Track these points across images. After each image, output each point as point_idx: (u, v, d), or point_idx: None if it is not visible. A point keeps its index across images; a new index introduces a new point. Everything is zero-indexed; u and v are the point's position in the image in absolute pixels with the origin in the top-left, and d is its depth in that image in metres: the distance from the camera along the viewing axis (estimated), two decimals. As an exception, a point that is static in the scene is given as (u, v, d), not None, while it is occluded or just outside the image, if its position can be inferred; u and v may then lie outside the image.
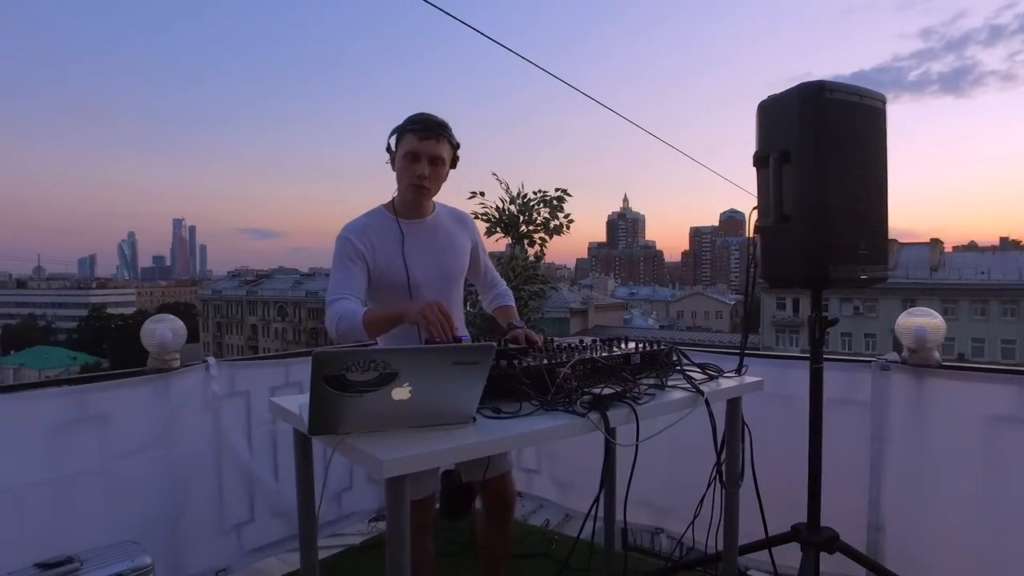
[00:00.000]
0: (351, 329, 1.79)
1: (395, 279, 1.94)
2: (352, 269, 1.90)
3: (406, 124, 1.92)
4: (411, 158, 1.91)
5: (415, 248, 1.98)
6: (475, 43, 77.00)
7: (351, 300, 1.86)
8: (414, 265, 1.96)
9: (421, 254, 1.98)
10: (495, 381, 1.51)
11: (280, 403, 1.68)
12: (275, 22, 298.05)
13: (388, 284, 1.95)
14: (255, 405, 2.77)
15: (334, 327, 1.82)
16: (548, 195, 4.83)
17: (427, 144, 1.90)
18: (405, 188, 1.95)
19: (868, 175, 1.99)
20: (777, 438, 2.39)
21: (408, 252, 1.95)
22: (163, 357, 2.49)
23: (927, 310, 2.40)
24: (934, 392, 2.31)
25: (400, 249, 1.95)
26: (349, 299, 1.86)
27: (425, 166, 1.91)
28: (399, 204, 2.01)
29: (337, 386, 1.25)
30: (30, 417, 2.19)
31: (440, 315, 1.65)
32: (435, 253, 2.02)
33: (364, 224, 1.97)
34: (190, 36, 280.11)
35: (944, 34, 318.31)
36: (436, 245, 2.03)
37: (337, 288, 1.88)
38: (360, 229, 1.95)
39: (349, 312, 1.80)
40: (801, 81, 1.93)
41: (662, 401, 1.69)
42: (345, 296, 1.86)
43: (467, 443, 1.36)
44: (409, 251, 1.96)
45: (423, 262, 1.98)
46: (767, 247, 2.07)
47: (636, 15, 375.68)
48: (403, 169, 1.93)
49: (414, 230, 2.00)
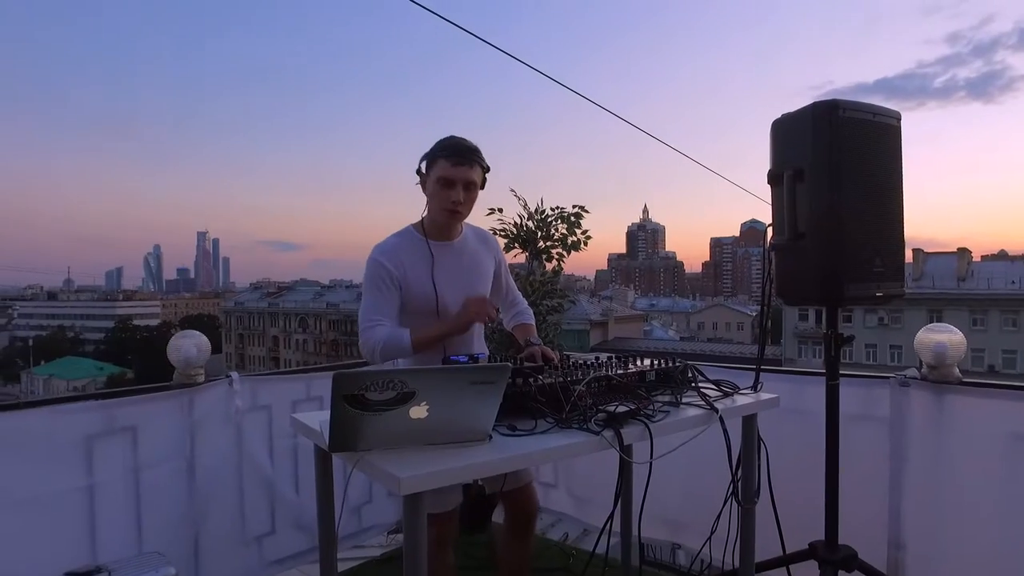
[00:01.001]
0: (399, 353, 1.87)
1: (424, 300, 1.97)
2: (385, 293, 1.93)
3: (438, 150, 1.95)
4: (445, 184, 1.93)
5: (444, 270, 2.01)
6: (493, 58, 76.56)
7: (387, 326, 1.91)
8: (443, 287, 1.99)
9: (450, 276, 2.01)
10: (511, 399, 1.54)
11: (301, 419, 1.72)
12: (298, 37, 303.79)
13: (416, 305, 1.98)
14: (277, 419, 2.83)
15: (378, 354, 1.88)
16: (566, 211, 4.86)
17: (460, 170, 1.93)
18: (439, 212, 1.98)
19: (883, 192, 1.99)
20: (794, 454, 2.38)
21: (437, 274, 1.99)
22: (188, 372, 2.55)
23: (946, 326, 2.38)
24: (954, 409, 2.29)
25: (430, 271, 1.98)
26: (385, 325, 1.91)
27: (460, 192, 1.94)
28: (429, 226, 2.04)
29: (357, 405, 1.28)
30: (61, 429, 2.26)
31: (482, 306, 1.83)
32: (463, 275, 2.05)
33: (395, 246, 2.00)
34: (215, 50, 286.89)
35: (972, 39, 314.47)
36: (464, 267, 2.06)
37: (372, 313, 1.92)
38: (391, 251, 1.98)
39: (395, 335, 1.87)
40: (824, 89, 1.98)
41: (676, 418, 1.71)
42: (381, 322, 1.91)
43: (483, 460, 1.39)
44: (438, 273, 1.99)
45: (451, 284, 2.01)
46: (782, 264, 2.08)
47: (656, 26, 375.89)
48: (436, 194, 1.95)
49: (443, 252, 2.03)
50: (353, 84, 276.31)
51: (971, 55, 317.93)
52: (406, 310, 1.99)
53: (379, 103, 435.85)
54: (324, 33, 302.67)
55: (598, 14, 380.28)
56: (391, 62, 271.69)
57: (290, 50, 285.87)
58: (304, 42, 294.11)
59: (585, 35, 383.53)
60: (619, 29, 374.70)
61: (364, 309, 1.94)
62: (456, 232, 2.07)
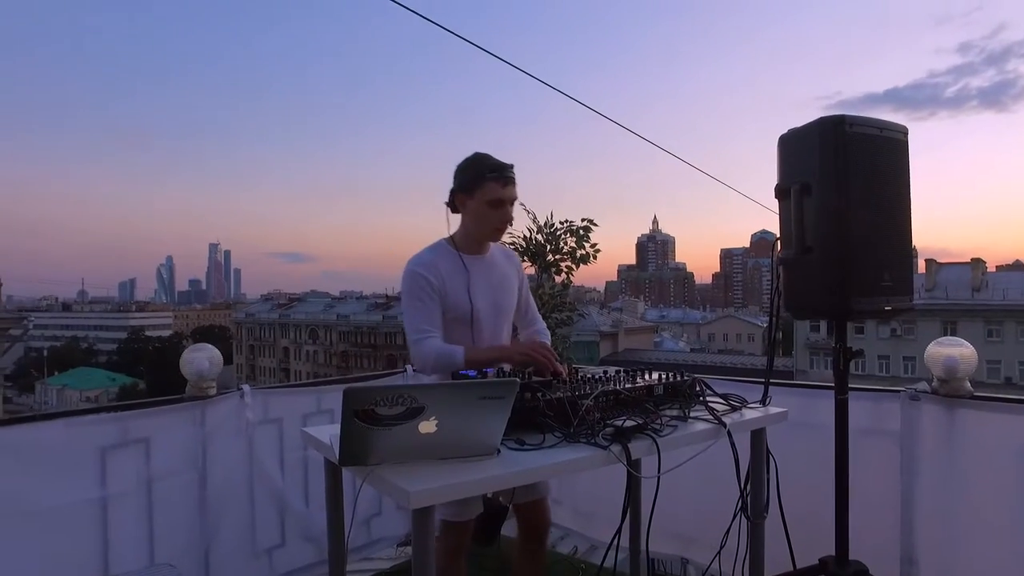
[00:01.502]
0: (449, 368, 1.92)
1: (460, 311, 2.04)
2: (429, 304, 1.99)
3: (485, 171, 2.01)
4: (496, 205, 2.01)
5: (477, 283, 2.08)
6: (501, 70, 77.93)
7: (438, 338, 1.98)
8: (477, 299, 2.06)
9: (482, 289, 2.09)
10: (519, 414, 1.55)
11: (312, 433, 1.74)
12: (310, 49, 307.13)
13: (453, 316, 2.04)
14: (287, 432, 2.85)
15: (428, 364, 1.95)
16: (575, 225, 4.89)
17: (508, 190, 2.03)
18: (488, 232, 2.08)
19: (890, 206, 2.00)
20: (804, 468, 2.37)
21: (472, 287, 2.06)
22: (200, 385, 2.59)
23: (957, 340, 2.37)
24: (966, 423, 2.27)
25: (466, 283, 2.05)
26: (436, 337, 1.98)
27: (510, 212, 2.04)
28: (461, 240, 2.11)
29: (367, 420, 1.30)
30: (76, 441, 2.29)
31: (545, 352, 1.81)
32: (493, 288, 2.13)
33: (432, 258, 2.06)
34: (227, 61, 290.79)
35: (984, 48, 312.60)
36: (493, 281, 2.14)
37: (421, 325, 1.98)
38: (429, 263, 2.04)
39: (447, 351, 1.95)
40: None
41: (684, 433, 1.71)
42: (432, 334, 1.98)
43: (491, 475, 1.40)
44: (473, 286, 2.06)
45: (484, 296, 2.08)
46: (790, 278, 2.08)
47: (664, 37, 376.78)
48: (485, 215, 2.02)
49: (476, 266, 2.10)
50: (362, 95, 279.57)
51: (983, 64, 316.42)
52: (444, 319, 2.05)
53: (388, 114, 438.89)
54: (335, 44, 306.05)
55: (607, 25, 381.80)
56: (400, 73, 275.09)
57: (301, 61, 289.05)
58: (315, 53, 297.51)
59: (593, 46, 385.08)
60: (628, 41, 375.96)
61: (412, 320, 2.00)
62: (487, 247, 2.15)
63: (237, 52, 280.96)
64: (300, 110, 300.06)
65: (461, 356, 1.93)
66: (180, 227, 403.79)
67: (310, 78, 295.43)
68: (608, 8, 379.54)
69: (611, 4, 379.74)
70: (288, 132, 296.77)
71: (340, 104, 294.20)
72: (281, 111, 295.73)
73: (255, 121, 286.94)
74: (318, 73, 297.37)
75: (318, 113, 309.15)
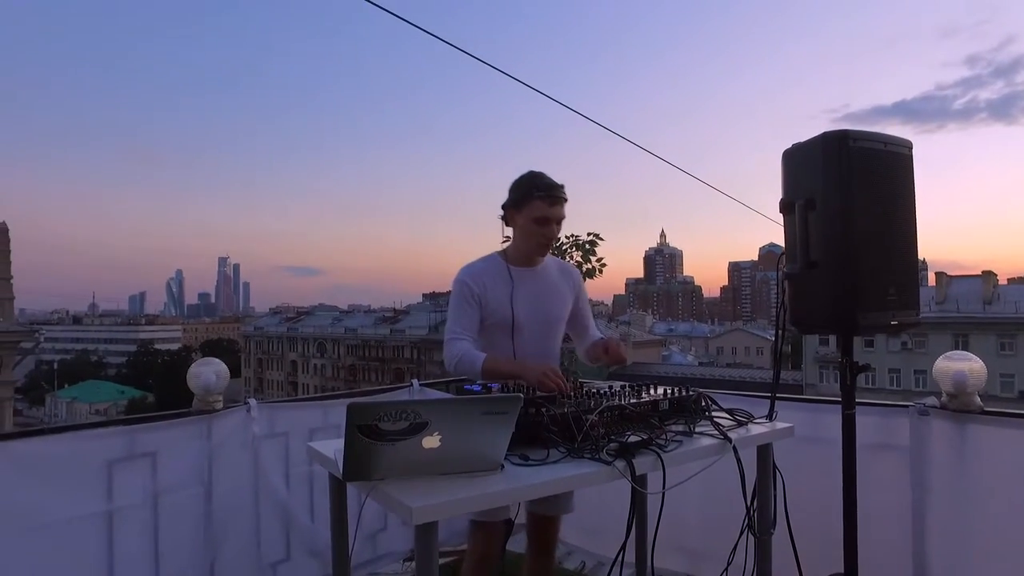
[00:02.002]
0: (469, 373, 2.04)
1: (501, 319, 2.15)
2: (467, 310, 2.13)
3: (533, 190, 2.13)
4: (542, 223, 2.13)
5: (522, 293, 2.18)
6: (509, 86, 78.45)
7: (468, 341, 2.10)
8: (519, 308, 2.16)
9: (526, 299, 2.19)
10: (524, 429, 1.55)
11: (317, 448, 1.75)
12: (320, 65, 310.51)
13: (495, 323, 2.16)
14: (293, 446, 2.85)
15: (453, 365, 2.08)
16: (580, 239, 4.90)
17: (555, 209, 2.14)
18: (534, 247, 2.19)
19: (895, 221, 1.99)
20: (812, 483, 2.35)
21: (516, 296, 2.17)
22: (207, 399, 2.60)
23: (965, 354, 2.36)
24: (977, 439, 2.25)
25: (509, 293, 2.16)
26: (467, 340, 2.10)
27: (554, 229, 2.16)
28: (512, 253, 2.23)
29: (370, 435, 1.30)
30: (84, 454, 2.30)
31: (557, 382, 1.84)
32: (539, 299, 2.22)
33: (480, 269, 2.20)
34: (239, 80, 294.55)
35: (992, 60, 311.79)
36: (541, 292, 2.23)
37: (454, 327, 2.13)
38: (476, 273, 2.18)
39: (470, 357, 2.05)
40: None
41: (689, 448, 1.70)
42: (463, 337, 2.10)
43: (495, 490, 1.40)
44: (517, 296, 2.17)
45: (527, 307, 2.18)
46: (795, 293, 2.07)
47: (672, 51, 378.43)
48: (532, 232, 2.15)
49: (523, 277, 2.21)
50: (371, 111, 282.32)
51: (991, 76, 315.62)
52: (485, 325, 2.16)
53: (396, 130, 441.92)
54: (348, 62, 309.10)
55: (616, 40, 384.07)
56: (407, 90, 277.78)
57: (311, 79, 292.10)
58: (325, 69, 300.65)
59: (602, 61, 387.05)
60: (636, 55, 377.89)
61: (449, 322, 2.16)
62: (539, 260, 2.25)
63: (249, 68, 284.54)
64: (313, 125, 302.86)
65: (480, 363, 2.02)
66: (190, 241, 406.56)
67: (321, 94, 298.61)
68: (617, 23, 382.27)
69: (620, 19, 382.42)
70: (300, 147, 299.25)
71: (353, 119, 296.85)
72: (294, 127, 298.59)
73: (267, 137, 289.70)
74: (329, 89, 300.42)
75: (331, 128, 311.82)
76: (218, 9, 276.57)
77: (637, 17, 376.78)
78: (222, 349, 77.80)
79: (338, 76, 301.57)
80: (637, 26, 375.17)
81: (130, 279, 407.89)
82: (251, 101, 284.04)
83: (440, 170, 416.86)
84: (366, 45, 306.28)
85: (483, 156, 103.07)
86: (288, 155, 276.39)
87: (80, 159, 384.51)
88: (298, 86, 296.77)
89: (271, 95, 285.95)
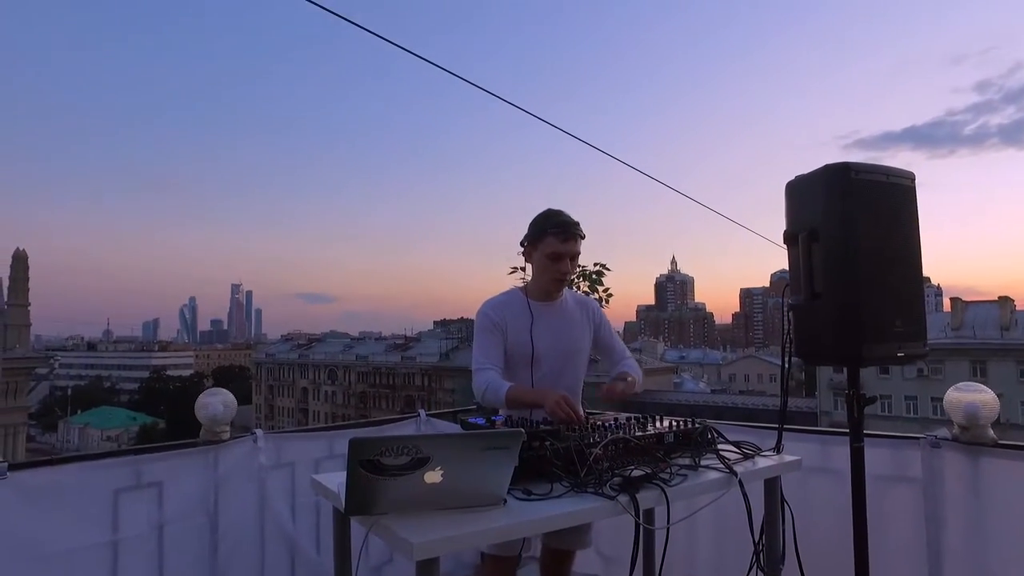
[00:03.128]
0: (495, 402, 2.11)
1: (522, 351, 2.22)
2: (492, 340, 2.21)
3: (547, 227, 2.21)
4: (555, 258, 2.20)
5: (541, 327, 2.25)
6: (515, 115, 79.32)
7: (495, 370, 2.17)
8: (538, 341, 2.23)
9: (545, 332, 2.25)
10: (527, 463, 1.54)
11: (321, 481, 1.75)
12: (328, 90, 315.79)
13: (516, 354, 2.23)
14: (300, 476, 2.85)
15: (480, 394, 2.15)
16: (587, 270, 4.91)
17: (568, 245, 2.20)
18: (549, 282, 2.26)
19: (899, 252, 1.99)
20: (823, 516, 2.31)
21: (535, 330, 2.23)
22: (214, 429, 2.61)
23: (977, 385, 2.33)
24: (992, 472, 2.20)
25: (529, 326, 2.23)
26: (493, 369, 2.17)
27: (568, 264, 2.22)
28: (532, 289, 2.32)
29: (372, 469, 1.31)
30: (92, 484, 2.32)
31: (568, 410, 1.90)
32: (558, 332, 2.28)
33: (502, 302, 2.29)
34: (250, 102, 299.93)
35: (1002, 86, 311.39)
36: (559, 326, 2.29)
37: (482, 357, 2.20)
38: (498, 306, 2.27)
39: (495, 386, 2.12)
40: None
41: (694, 482, 1.69)
42: (490, 367, 2.18)
43: (497, 525, 1.39)
44: (536, 329, 2.24)
45: (546, 339, 2.25)
46: (800, 324, 2.06)
47: (682, 77, 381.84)
48: (547, 267, 2.22)
49: (542, 311, 2.28)
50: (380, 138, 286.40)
51: (1002, 102, 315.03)
52: (508, 357, 2.23)
53: (405, 157, 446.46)
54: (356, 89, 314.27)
55: (627, 67, 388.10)
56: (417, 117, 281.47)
57: (319, 106, 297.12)
58: (338, 98, 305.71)
59: (612, 89, 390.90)
60: (648, 83, 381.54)
61: (475, 352, 2.23)
62: (556, 295, 2.31)
63: (262, 93, 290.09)
64: (328, 154, 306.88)
65: (504, 392, 2.08)
66: (203, 268, 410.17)
67: (332, 119, 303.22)
68: (628, 52, 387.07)
69: (631, 48, 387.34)
70: (314, 174, 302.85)
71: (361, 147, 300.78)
72: (308, 155, 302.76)
73: (280, 165, 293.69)
74: (340, 114, 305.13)
75: (346, 156, 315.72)
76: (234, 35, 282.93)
77: (649, 46, 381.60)
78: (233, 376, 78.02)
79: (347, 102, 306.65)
80: (649, 55, 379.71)
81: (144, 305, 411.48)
82: (264, 129, 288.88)
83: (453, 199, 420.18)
84: (379, 74, 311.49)
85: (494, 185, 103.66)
86: (302, 183, 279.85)
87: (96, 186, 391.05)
88: (311, 115, 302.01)
89: (284, 124, 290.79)
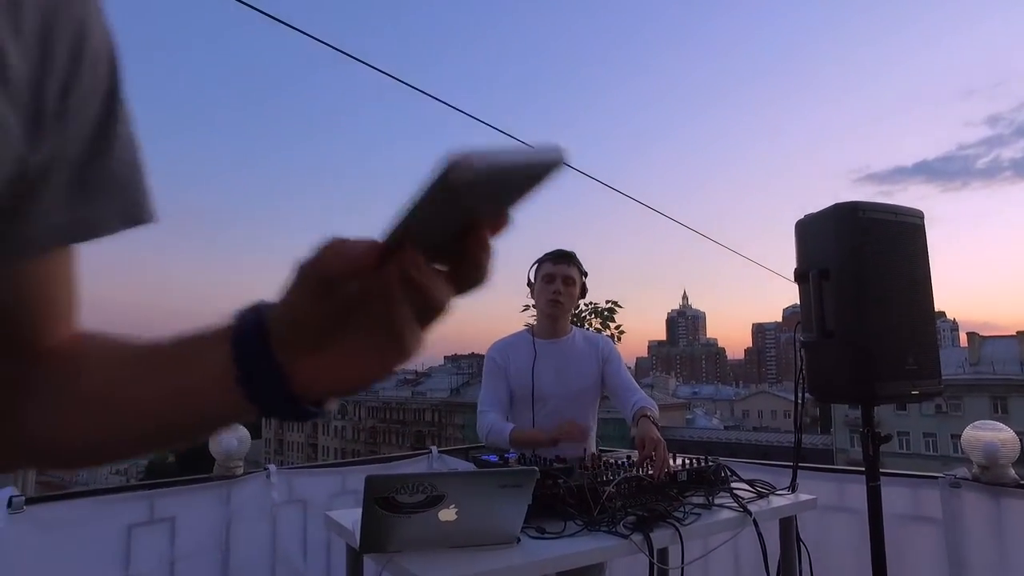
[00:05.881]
0: (499, 443, 2.14)
1: (523, 390, 2.26)
2: (496, 383, 2.29)
3: (543, 256, 2.35)
4: (548, 279, 2.30)
5: (544, 365, 2.28)
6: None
7: (497, 413, 2.23)
8: (540, 379, 2.26)
9: (549, 370, 2.28)
10: (540, 501, 1.55)
11: (335, 517, 1.75)
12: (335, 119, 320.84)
13: (519, 394, 2.27)
14: (312, 513, 2.84)
15: (484, 436, 2.20)
16: (599, 307, 4.94)
17: (560, 267, 2.30)
18: (545, 305, 2.31)
19: (911, 290, 2.00)
20: (841, 556, 2.28)
21: (537, 367, 2.27)
22: (228, 464, 2.62)
23: (995, 424, 2.31)
24: (1014, 513, 2.17)
25: (531, 365, 2.27)
26: (495, 412, 2.23)
27: (559, 284, 2.29)
28: (538, 327, 2.39)
29: (387, 507, 1.32)
30: (104, 519, 2.32)
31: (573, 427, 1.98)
32: (562, 371, 2.30)
33: (507, 343, 2.36)
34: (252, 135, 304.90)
35: (1013, 120, 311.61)
36: (564, 364, 2.31)
37: (486, 401, 2.27)
38: (503, 348, 2.35)
39: (498, 428, 2.16)
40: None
41: (709, 521, 1.68)
42: (490, 410, 2.24)
43: (510, 564, 1.39)
44: (538, 367, 2.27)
45: (549, 378, 2.27)
46: (812, 362, 2.07)
47: (694, 113, 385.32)
48: (541, 291, 2.31)
49: (547, 349, 2.32)
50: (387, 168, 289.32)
51: (1013, 136, 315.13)
52: (512, 398, 2.29)
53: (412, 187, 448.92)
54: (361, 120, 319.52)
55: (631, 96, 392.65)
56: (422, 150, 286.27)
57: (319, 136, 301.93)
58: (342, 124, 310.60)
59: (621, 122, 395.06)
60: (658, 117, 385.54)
61: (481, 396, 2.30)
62: (563, 331, 2.36)
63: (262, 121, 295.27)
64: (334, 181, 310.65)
65: (507, 433, 2.11)
66: (214, 301, 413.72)
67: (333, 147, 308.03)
68: (636, 84, 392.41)
69: (639, 80, 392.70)
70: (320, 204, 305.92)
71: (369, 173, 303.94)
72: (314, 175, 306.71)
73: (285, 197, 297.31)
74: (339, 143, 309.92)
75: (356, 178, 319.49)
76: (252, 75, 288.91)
77: (657, 78, 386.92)
78: (243, 410, 77.43)
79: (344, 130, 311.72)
80: (657, 88, 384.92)
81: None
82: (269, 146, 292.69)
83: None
84: (386, 111, 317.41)
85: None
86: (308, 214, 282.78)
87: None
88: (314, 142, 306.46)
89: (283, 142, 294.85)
